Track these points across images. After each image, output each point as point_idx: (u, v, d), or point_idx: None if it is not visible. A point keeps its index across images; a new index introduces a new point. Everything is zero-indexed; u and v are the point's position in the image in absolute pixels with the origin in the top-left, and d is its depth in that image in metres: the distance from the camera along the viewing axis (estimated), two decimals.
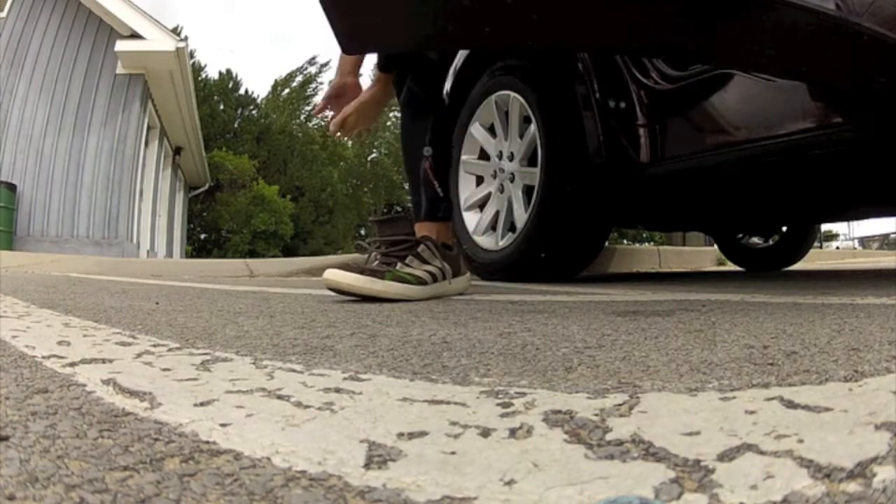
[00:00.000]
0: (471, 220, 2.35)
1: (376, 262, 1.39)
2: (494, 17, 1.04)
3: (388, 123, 21.16)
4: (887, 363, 0.53)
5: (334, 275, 1.31)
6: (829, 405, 0.40)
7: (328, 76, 24.30)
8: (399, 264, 1.37)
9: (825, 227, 13.20)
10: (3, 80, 8.12)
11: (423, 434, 0.38)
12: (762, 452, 0.32)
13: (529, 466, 0.32)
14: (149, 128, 9.13)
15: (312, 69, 23.17)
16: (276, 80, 23.16)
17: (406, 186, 1.56)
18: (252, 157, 20.94)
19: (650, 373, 0.53)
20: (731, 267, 3.88)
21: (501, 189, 2.24)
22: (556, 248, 2.05)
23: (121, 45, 8.06)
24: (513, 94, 2.12)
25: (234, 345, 0.73)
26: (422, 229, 1.53)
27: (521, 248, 2.05)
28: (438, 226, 1.57)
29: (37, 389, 0.49)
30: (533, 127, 2.04)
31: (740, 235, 3.54)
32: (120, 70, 8.27)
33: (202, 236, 20.81)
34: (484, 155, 2.30)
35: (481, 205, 2.36)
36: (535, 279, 2.09)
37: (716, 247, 4.15)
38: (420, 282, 1.37)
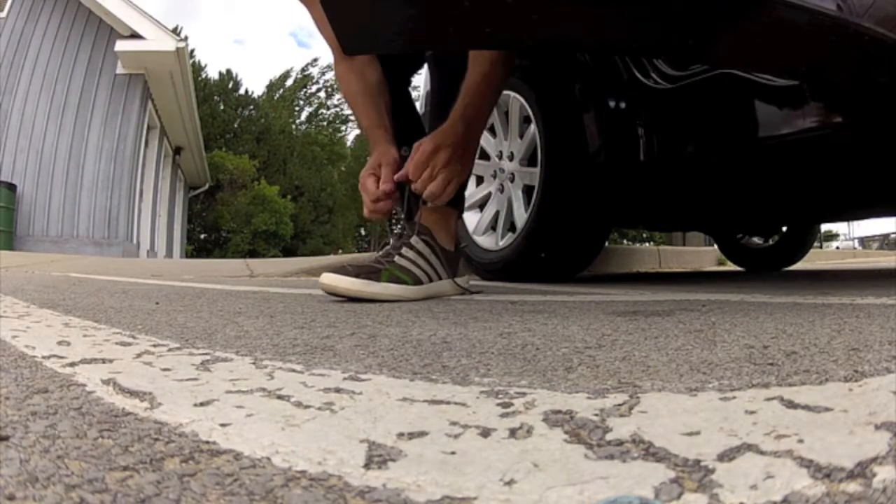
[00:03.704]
0: (471, 220, 2.35)
1: (376, 256, 1.40)
2: (495, 17, 1.04)
3: None
4: (887, 363, 0.53)
5: (330, 279, 1.31)
6: (829, 405, 0.40)
7: (329, 76, 24.29)
8: (397, 256, 1.38)
9: (825, 227, 13.20)
10: (3, 80, 8.13)
11: (423, 434, 0.38)
12: (762, 452, 0.32)
13: (529, 466, 0.32)
14: (149, 128, 9.15)
15: (314, 70, 23.16)
16: (270, 81, 23.22)
17: None
18: (252, 157, 20.97)
19: (650, 373, 0.53)
20: (731, 267, 3.88)
21: (501, 189, 2.24)
22: (556, 248, 2.05)
23: (121, 45, 8.07)
24: (513, 93, 2.12)
25: (234, 345, 0.73)
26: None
27: (521, 248, 2.05)
28: None
29: (37, 389, 0.49)
30: (533, 127, 2.04)
31: (740, 235, 3.54)
32: (120, 70, 8.29)
33: (202, 236, 20.84)
34: (484, 155, 2.30)
35: (481, 205, 2.36)
36: (535, 279, 2.09)
37: (716, 247, 4.15)
38: (416, 281, 1.37)
